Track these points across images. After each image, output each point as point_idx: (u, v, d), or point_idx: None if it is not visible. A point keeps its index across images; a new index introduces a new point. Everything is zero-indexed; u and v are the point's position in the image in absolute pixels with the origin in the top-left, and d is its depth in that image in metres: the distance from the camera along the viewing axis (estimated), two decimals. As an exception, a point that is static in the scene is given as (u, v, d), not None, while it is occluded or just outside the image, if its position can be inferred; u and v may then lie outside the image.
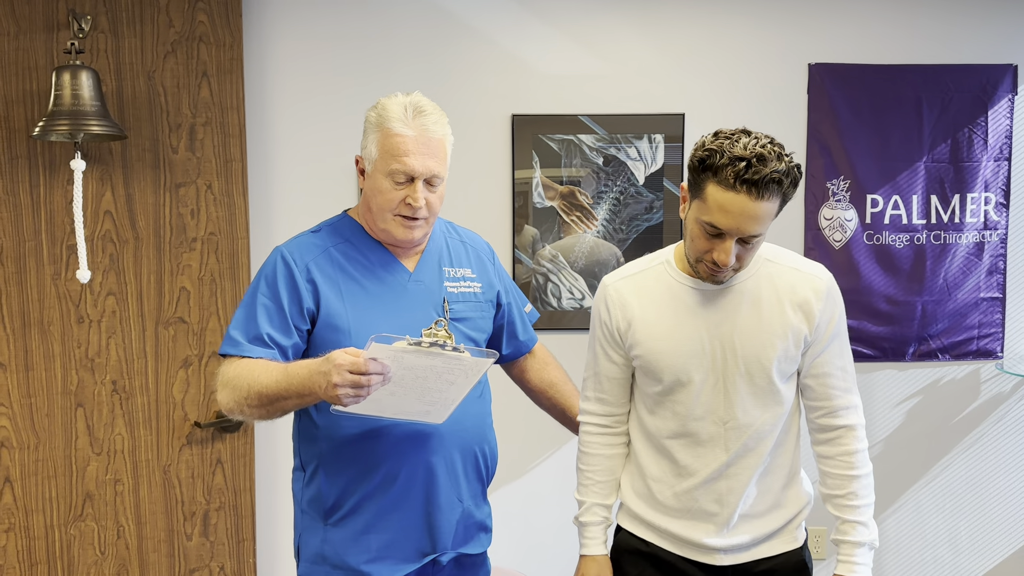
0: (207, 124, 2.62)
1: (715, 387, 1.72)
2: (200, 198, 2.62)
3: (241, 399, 1.72)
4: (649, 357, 1.75)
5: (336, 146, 2.96)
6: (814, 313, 1.72)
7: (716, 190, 1.58)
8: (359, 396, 1.58)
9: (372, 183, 1.81)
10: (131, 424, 2.60)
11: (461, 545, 1.91)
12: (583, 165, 3.03)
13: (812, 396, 1.78)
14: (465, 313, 1.90)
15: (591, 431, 1.88)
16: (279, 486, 2.99)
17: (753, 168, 1.55)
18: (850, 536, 1.76)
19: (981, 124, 3.13)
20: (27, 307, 2.51)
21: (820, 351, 1.74)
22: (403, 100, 1.79)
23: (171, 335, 2.62)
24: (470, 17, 3.00)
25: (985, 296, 3.19)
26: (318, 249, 1.84)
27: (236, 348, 1.76)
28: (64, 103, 2.35)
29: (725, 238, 1.60)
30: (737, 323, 1.71)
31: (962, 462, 3.26)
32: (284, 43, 2.92)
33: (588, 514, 1.87)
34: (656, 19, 3.06)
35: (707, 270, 1.67)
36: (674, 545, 1.81)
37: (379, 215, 1.82)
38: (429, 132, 1.77)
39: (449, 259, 1.94)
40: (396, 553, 1.83)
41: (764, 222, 1.60)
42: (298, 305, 1.79)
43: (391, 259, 1.87)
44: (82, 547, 2.59)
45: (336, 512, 1.83)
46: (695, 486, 1.76)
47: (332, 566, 1.84)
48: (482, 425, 1.93)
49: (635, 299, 1.78)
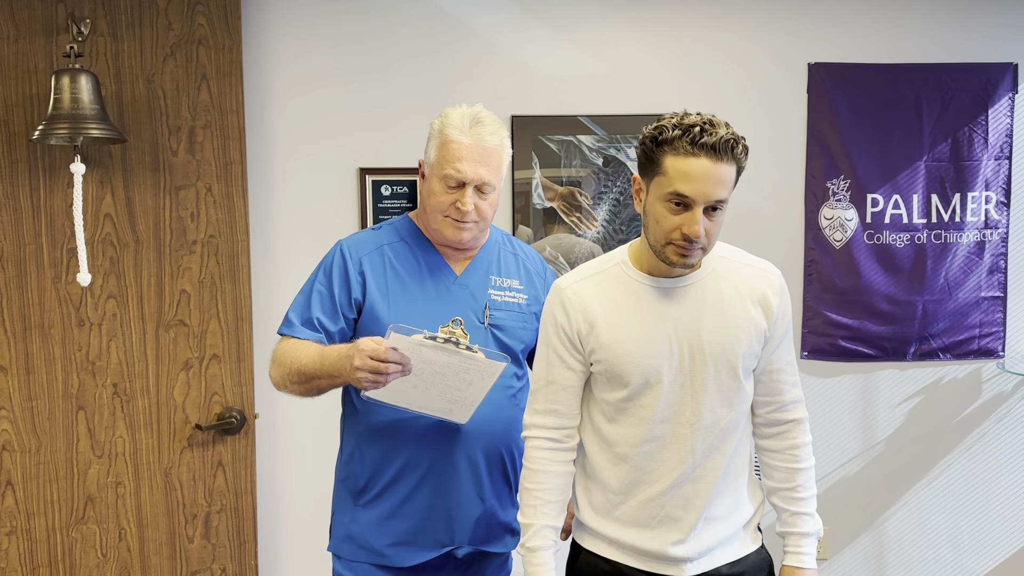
0: (207, 127, 2.62)
1: (683, 387, 1.69)
2: (200, 201, 2.63)
3: (285, 375, 1.89)
4: (615, 360, 1.68)
5: (335, 147, 2.96)
6: (772, 308, 1.72)
7: (675, 160, 1.58)
8: (378, 382, 1.72)
9: (428, 185, 1.94)
10: (132, 427, 2.60)
11: (481, 543, 1.98)
12: (583, 166, 3.03)
13: (763, 392, 1.78)
14: (505, 321, 1.98)
15: (541, 446, 1.76)
16: (280, 488, 3.00)
17: (707, 132, 1.56)
18: (798, 528, 1.78)
19: (981, 123, 3.13)
20: (28, 310, 2.52)
21: (775, 347, 1.75)
22: (465, 111, 1.92)
23: (172, 338, 2.62)
24: (470, 19, 3.00)
25: (986, 295, 3.18)
26: (373, 245, 1.98)
27: (289, 329, 1.93)
28: (63, 107, 2.35)
29: (693, 207, 1.58)
30: (703, 320, 1.68)
31: (964, 462, 3.25)
32: (283, 46, 2.92)
33: (537, 538, 1.74)
34: (655, 20, 3.06)
35: (677, 250, 1.61)
36: (639, 560, 1.75)
37: (432, 216, 1.94)
38: (484, 141, 1.89)
39: (498, 268, 2.02)
40: (416, 540, 1.94)
41: (727, 186, 1.59)
42: (347, 295, 1.93)
43: (440, 261, 1.98)
44: (84, 550, 2.60)
45: (365, 494, 1.96)
46: (661, 492, 1.71)
47: (357, 546, 1.96)
48: (512, 429, 1.99)
49: (596, 301, 1.70)
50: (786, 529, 1.81)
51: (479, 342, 1.91)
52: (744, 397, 1.74)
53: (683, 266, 1.65)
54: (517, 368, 2.01)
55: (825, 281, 3.14)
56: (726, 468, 1.74)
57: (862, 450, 3.24)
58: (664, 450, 1.71)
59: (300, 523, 3.00)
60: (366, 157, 2.96)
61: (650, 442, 1.71)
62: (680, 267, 1.65)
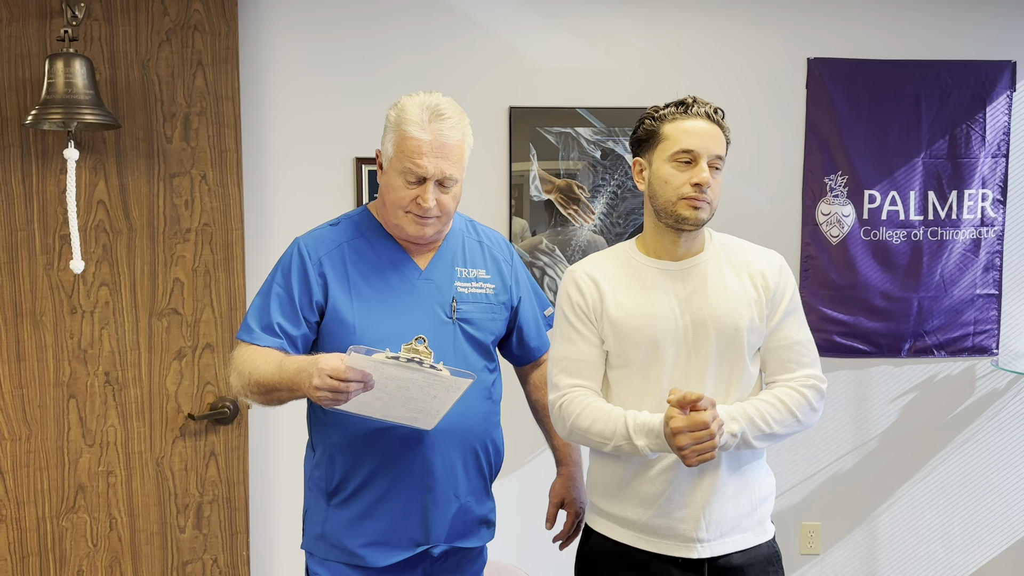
0: (202, 114, 2.60)
1: (687, 361, 1.75)
2: (194, 188, 2.60)
3: (244, 385, 1.81)
4: (622, 335, 1.76)
5: (332, 136, 2.94)
6: (769, 284, 1.80)
7: (675, 124, 1.75)
8: (338, 400, 1.64)
9: (387, 179, 1.85)
10: (124, 416, 2.58)
11: (456, 539, 1.94)
12: (580, 158, 3.02)
13: (774, 370, 1.79)
14: (473, 314, 1.92)
15: (574, 395, 1.76)
16: (273, 479, 2.98)
17: (697, 103, 1.76)
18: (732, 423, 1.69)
19: (979, 120, 3.13)
20: (19, 297, 2.49)
21: (779, 321, 1.79)
22: (422, 101, 1.80)
23: (164, 326, 2.60)
24: (468, 8, 2.98)
25: (981, 293, 3.19)
26: (333, 244, 1.89)
27: (248, 335, 1.85)
28: (57, 91, 2.32)
29: (699, 160, 1.72)
30: (707, 297, 1.76)
31: (957, 458, 3.26)
32: (280, 32, 2.90)
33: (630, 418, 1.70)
34: (655, 12, 3.05)
35: (689, 203, 1.72)
36: (649, 543, 1.78)
37: (392, 211, 1.86)
38: (444, 137, 1.79)
39: (463, 259, 1.95)
40: (390, 540, 1.89)
41: (722, 144, 1.76)
42: (308, 297, 1.85)
43: (403, 256, 1.91)
44: (74, 539, 2.58)
45: (338, 495, 1.91)
46: (669, 467, 1.75)
47: (330, 545, 1.92)
48: (486, 424, 1.96)
49: (604, 280, 1.80)
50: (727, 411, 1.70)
51: (448, 337, 1.87)
52: (747, 375, 1.78)
53: (695, 222, 1.73)
54: (488, 361, 1.96)
55: (821, 277, 3.14)
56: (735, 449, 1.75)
57: (856, 446, 3.25)
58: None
59: (292, 514, 2.98)
60: (362, 146, 2.94)
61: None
62: (691, 223, 1.73)
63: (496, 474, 2.02)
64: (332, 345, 1.82)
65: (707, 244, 1.83)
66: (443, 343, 1.86)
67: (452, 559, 1.97)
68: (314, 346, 1.89)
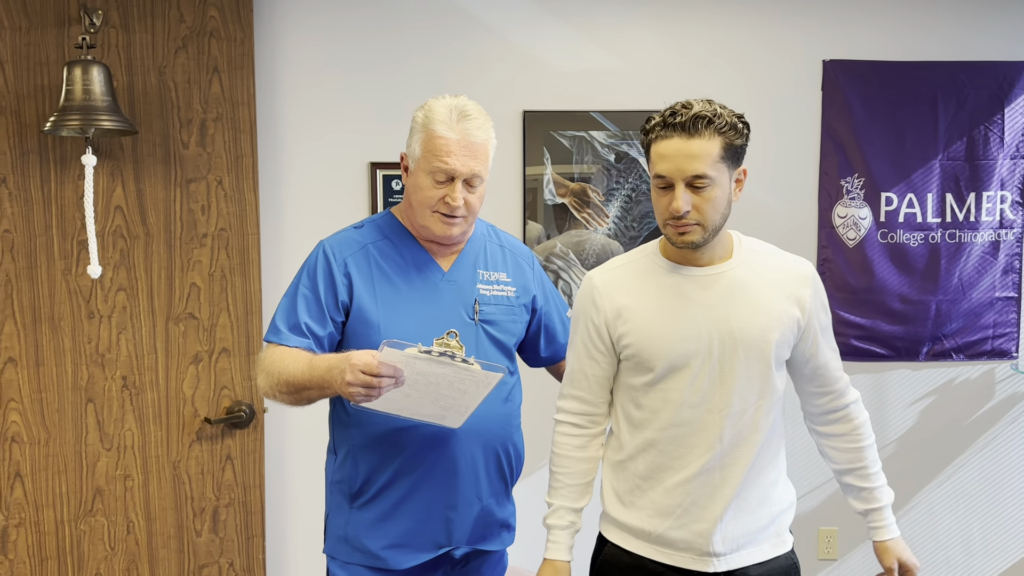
0: (218, 120, 2.61)
1: (712, 373, 1.71)
2: (210, 194, 2.62)
3: (273, 385, 1.82)
4: (642, 344, 1.72)
5: (346, 141, 2.95)
6: (806, 300, 1.75)
7: (655, 146, 1.68)
8: (370, 396, 1.66)
9: (414, 180, 1.87)
10: (141, 420, 2.60)
11: (478, 541, 1.95)
12: (594, 161, 3.01)
13: (819, 384, 1.84)
14: (495, 316, 1.94)
15: (565, 431, 1.84)
16: (288, 482, 2.99)
17: (679, 113, 1.65)
18: (879, 502, 1.85)
19: (997, 122, 3.10)
20: (38, 302, 2.51)
21: (816, 337, 1.78)
22: (449, 103, 1.85)
23: (181, 331, 2.61)
24: (482, 13, 2.98)
25: (1000, 295, 3.16)
26: (357, 245, 1.91)
27: (276, 336, 1.87)
28: (75, 98, 2.34)
29: (674, 186, 1.65)
30: (734, 308, 1.71)
31: (976, 463, 3.23)
32: (295, 38, 2.91)
33: (554, 517, 1.82)
34: (669, 15, 3.04)
35: (673, 229, 1.68)
36: (665, 555, 1.76)
37: (419, 211, 1.88)
38: (471, 136, 1.83)
39: (485, 262, 1.98)
40: (413, 542, 1.90)
41: (703, 161, 1.63)
42: (334, 297, 1.87)
43: (427, 258, 1.93)
44: (92, 542, 2.59)
45: (361, 496, 1.92)
46: (687, 479, 1.72)
47: (353, 548, 1.92)
48: (507, 426, 1.97)
49: (625, 287, 1.76)
50: (868, 506, 1.87)
51: (470, 338, 1.89)
52: (773, 388, 1.74)
53: (685, 245, 1.69)
54: (510, 362, 1.98)
55: (838, 280, 3.12)
56: (755, 459, 1.74)
57: (873, 450, 3.22)
58: (692, 436, 1.72)
59: (308, 518, 2.99)
60: (377, 151, 2.95)
61: (677, 427, 1.73)
62: (682, 246, 1.70)
63: (516, 478, 2.02)
64: (357, 344, 1.84)
65: (735, 250, 1.77)
66: (466, 344, 1.88)
67: (473, 563, 1.97)
68: (339, 346, 1.91)
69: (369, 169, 2.95)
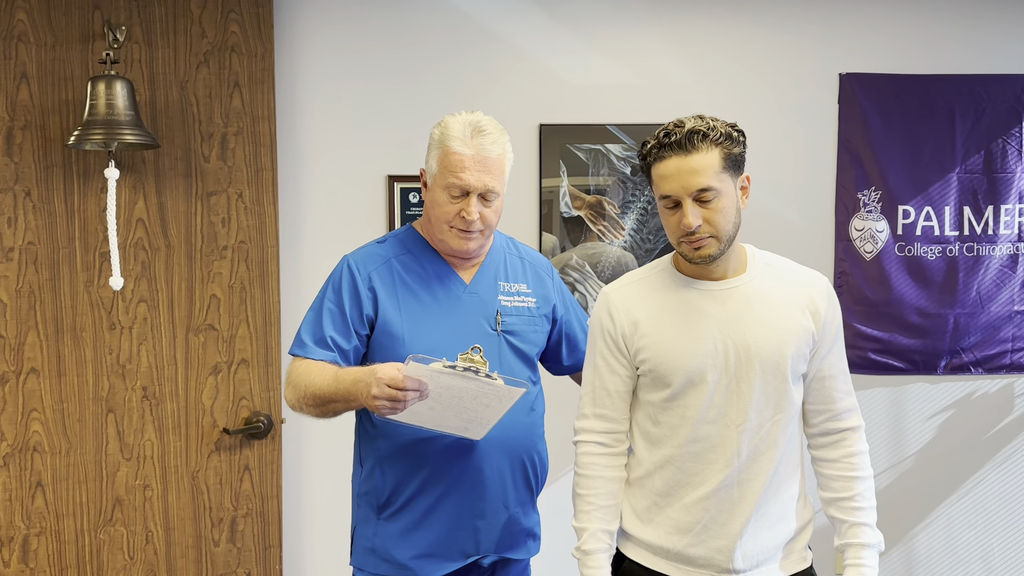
0: (238, 133, 2.65)
1: (728, 388, 1.70)
2: (231, 207, 2.65)
3: (300, 398, 1.86)
4: (659, 359, 1.71)
5: (365, 155, 2.97)
6: (820, 313, 1.74)
7: (655, 168, 1.68)
8: (395, 408, 1.69)
9: (431, 196, 1.92)
10: (161, 430, 2.62)
11: (505, 550, 1.97)
12: (610, 174, 3.02)
13: (816, 400, 1.78)
14: (517, 327, 1.97)
15: (591, 451, 1.80)
16: (306, 493, 3.00)
17: (672, 132, 1.66)
18: (859, 538, 1.75)
19: (1015, 134, 3.09)
20: (60, 313, 2.55)
21: (826, 352, 1.75)
22: (464, 119, 1.89)
23: (201, 342, 2.64)
24: (499, 27, 3.01)
25: (1019, 309, 3.14)
26: (381, 259, 1.95)
27: (302, 349, 1.90)
28: (99, 113, 2.38)
29: (681, 203, 1.66)
30: (749, 322, 1.70)
31: (995, 477, 3.20)
32: (314, 54, 2.95)
33: (592, 541, 1.77)
34: (685, 29, 3.05)
35: (687, 245, 1.68)
36: (683, 571, 1.75)
37: (437, 226, 1.92)
38: (486, 151, 1.86)
39: (505, 274, 2.01)
40: (441, 551, 1.92)
41: (705, 174, 1.64)
42: (359, 311, 1.90)
43: (448, 271, 1.96)
44: (111, 552, 2.62)
45: (388, 508, 1.94)
46: (706, 495, 1.71)
47: (381, 558, 1.94)
48: (532, 435, 1.99)
49: (640, 302, 1.76)
50: (845, 541, 1.77)
51: (493, 349, 1.91)
52: (791, 402, 1.73)
53: (702, 260, 1.69)
54: (532, 372, 2.01)
55: (855, 293, 3.11)
56: (773, 475, 1.73)
57: (891, 464, 3.20)
58: (710, 452, 1.71)
59: (325, 529, 3.00)
60: (395, 164, 2.97)
61: (695, 443, 1.72)
62: (699, 261, 1.70)
63: (541, 487, 2.05)
64: (382, 357, 1.87)
65: (750, 263, 1.77)
66: (489, 355, 1.90)
67: (500, 572, 2.00)
68: (364, 359, 1.94)
69: (387, 182, 2.98)
